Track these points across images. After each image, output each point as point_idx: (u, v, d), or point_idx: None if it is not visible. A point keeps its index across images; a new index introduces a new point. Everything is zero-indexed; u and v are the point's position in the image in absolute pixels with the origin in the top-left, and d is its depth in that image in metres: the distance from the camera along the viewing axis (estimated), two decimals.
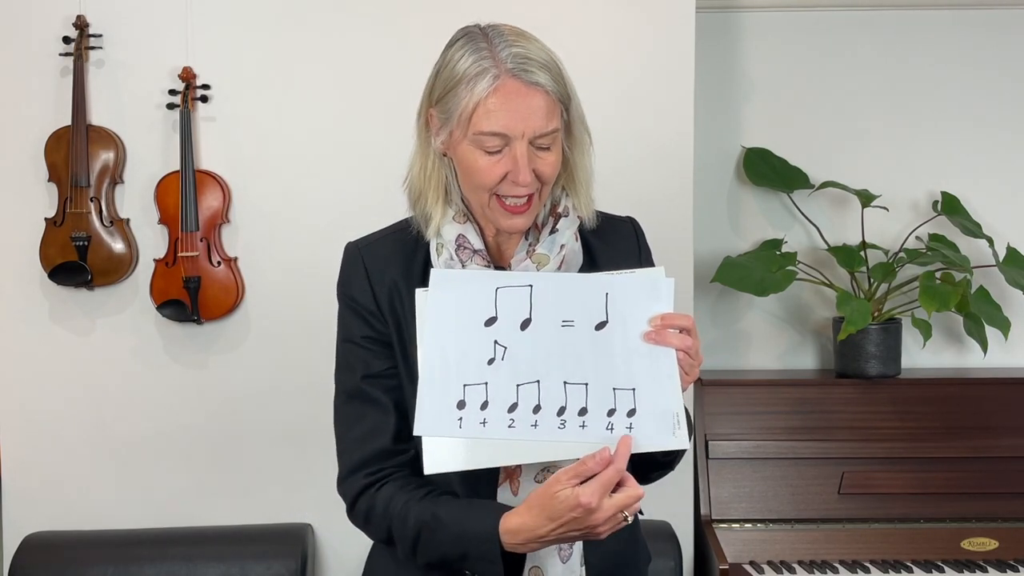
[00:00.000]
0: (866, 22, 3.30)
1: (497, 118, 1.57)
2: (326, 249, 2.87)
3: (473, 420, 1.54)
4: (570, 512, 1.48)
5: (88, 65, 2.84)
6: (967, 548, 2.88)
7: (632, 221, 1.81)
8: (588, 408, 1.54)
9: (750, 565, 2.84)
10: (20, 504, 2.93)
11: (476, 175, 1.61)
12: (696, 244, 3.02)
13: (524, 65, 1.57)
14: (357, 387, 1.69)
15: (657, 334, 1.55)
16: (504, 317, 1.56)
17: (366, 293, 1.68)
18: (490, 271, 1.64)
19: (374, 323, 1.68)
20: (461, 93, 1.59)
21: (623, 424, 1.54)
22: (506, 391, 1.55)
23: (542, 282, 1.58)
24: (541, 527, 1.51)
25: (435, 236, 1.68)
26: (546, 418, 1.54)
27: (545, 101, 1.58)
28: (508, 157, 1.58)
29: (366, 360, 1.68)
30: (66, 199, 2.83)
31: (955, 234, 3.21)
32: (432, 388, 1.55)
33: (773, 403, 3.02)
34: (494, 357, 1.55)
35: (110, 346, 2.92)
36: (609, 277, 1.59)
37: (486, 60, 1.58)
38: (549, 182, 1.62)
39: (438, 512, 1.59)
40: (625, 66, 2.82)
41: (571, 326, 1.56)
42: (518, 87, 1.57)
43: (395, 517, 1.62)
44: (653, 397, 1.55)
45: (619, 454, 1.50)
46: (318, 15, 2.88)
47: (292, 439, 2.94)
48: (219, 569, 2.80)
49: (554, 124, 1.59)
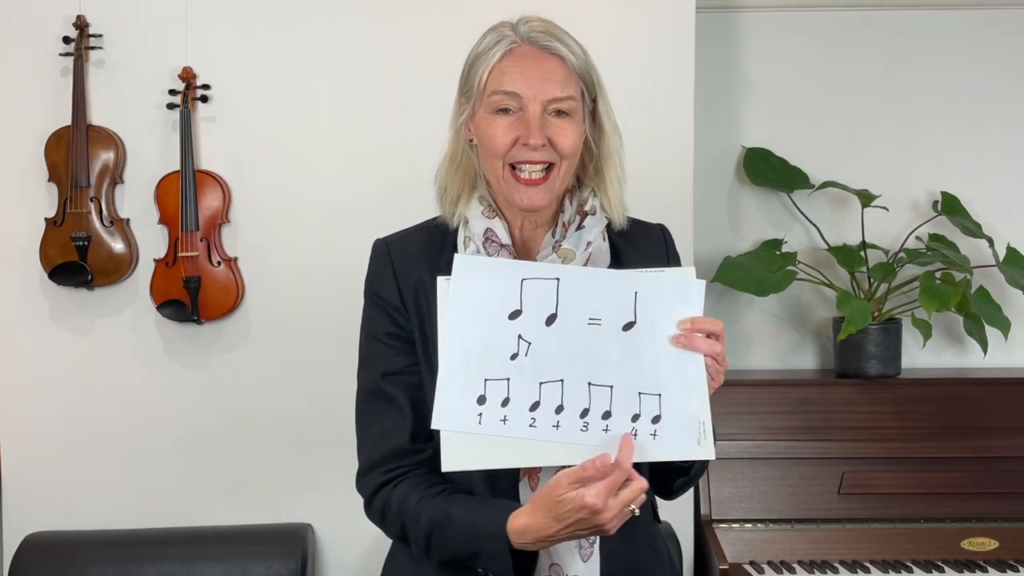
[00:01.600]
0: (866, 22, 3.30)
1: (511, 78, 1.59)
2: (326, 249, 2.91)
3: (493, 417, 1.51)
4: (576, 513, 1.48)
5: (88, 65, 2.84)
6: (967, 548, 2.88)
7: (662, 228, 1.80)
8: (612, 412, 1.51)
9: (750, 565, 2.84)
10: (20, 504, 2.92)
11: (490, 140, 1.61)
12: (696, 244, 3.02)
13: (543, 36, 1.61)
14: (376, 384, 1.69)
15: (686, 338, 1.54)
16: (529, 311, 1.53)
17: (392, 289, 1.68)
18: (516, 261, 1.61)
19: (398, 319, 1.67)
20: (479, 66, 1.62)
21: (647, 431, 1.51)
22: (529, 389, 1.51)
23: (570, 276, 1.54)
24: (548, 528, 1.50)
25: (463, 229, 1.68)
26: (568, 419, 1.51)
27: (561, 67, 1.60)
28: (521, 120, 1.59)
29: (387, 357, 1.68)
30: (66, 199, 2.83)
31: (955, 234, 3.21)
32: (452, 381, 1.52)
33: (773, 403, 3.02)
34: (517, 352, 1.52)
35: (110, 346, 2.92)
36: (638, 275, 1.56)
37: (507, 35, 1.62)
38: (565, 155, 1.61)
39: (450, 510, 1.59)
40: (625, 66, 2.82)
41: (598, 324, 1.52)
42: (533, 51, 1.60)
43: (409, 515, 1.62)
44: (679, 404, 1.52)
45: (623, 455, 1.48)
46: (318, 15, 2.88)
47: (292, 439, 2.94)
48: (219, 569, 2.80)
49: (570, 91, 1.60)
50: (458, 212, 1.69)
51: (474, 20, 1.79)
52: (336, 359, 2.82)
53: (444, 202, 1.71)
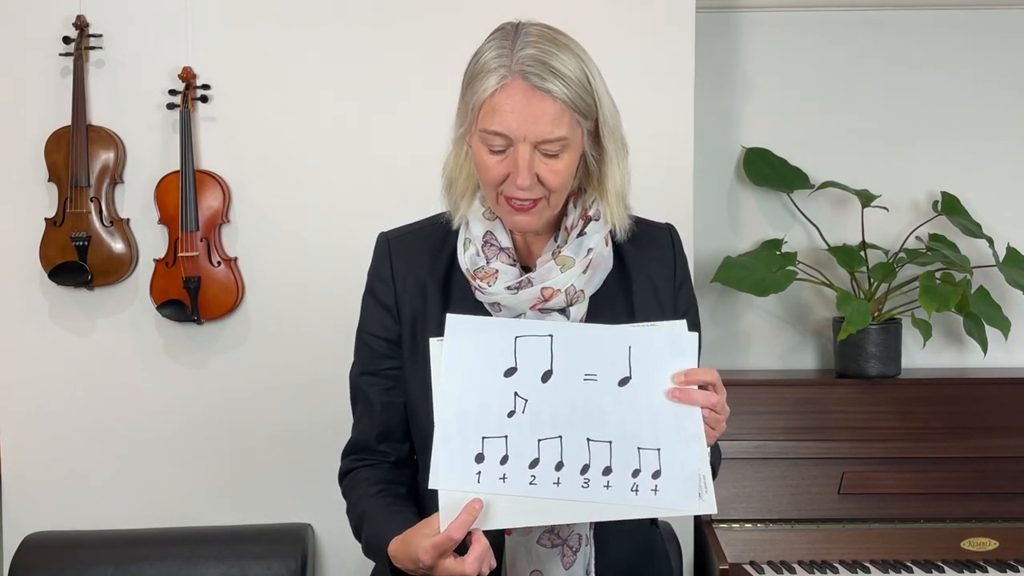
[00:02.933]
0: (866, 22, 3.30)
1: (500, 118, 1.54)
2: (326, 249, 2.91)
3: (492, 475, 1.49)
4: (417, 558, 1.49)
5: (88, 65, 2.84)
6: (967, 548, 2.88)
7: (670, 228, 1.78)
8: (613, 467, 1.50)
9: (750, 565, 2.84)
10: (20, 504, 2.93)
11: (482, 171, 1.60)
12: (696, 244, 3.02)
13: (536, 69, 1.53)
14: (356, 380, 1.75)
15: (681, 392, 1.53)
16: (524, 368, 1.52)
17: (388, 286, 1.70)
18: (508, 320, 1.60)
19: (386, 320, 1.70)
20: (476, 87, 1.57)
21: (648, 486, 1.50)
22: (527, 446, 1.50)
23: (563, 332, 1.54)
24: (406, 560, 1.54)
25: (463, 231, 1.68)
26: (569, 476, 1.49)
27: (553, 108, 1.54)
28: (511, 159, 1.56)
29: (368, 356, 1.72)
30: (66, 199, 2.83)
31: (955, 234, 3.21)
32: (449, 440, 1.50)
33: (773, 403, 3.02)
34: (514, 409, 1.51)
35: (110, 346, 2.92)
36: (631, 330, 1.55)
37: (503, 58, 1.55)
38: (555, 190, 1.59)
39: (370, 513, 1.67)
40: (625, 66, 2.81)
41: (594, 380, 1.52)
42: (524, 89, 1.54)
43: (351, 504, 1.72)
44: (679, 459, 1.51)
45: (456, 522, 1.47)
46: (318, 15, 2.88)
47: (292, 439, 2.94)
48: (219, 569, 2.80)
49: (561, 132, 1.55)
50: (458, 208, 1.69)
51: (474, 20, 1.79)
52: (336, 359, 2.78)
53: (449, 196, 1.71)
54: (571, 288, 1.62)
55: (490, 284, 1.62)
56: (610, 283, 1.68)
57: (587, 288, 1.64)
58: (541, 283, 1.61)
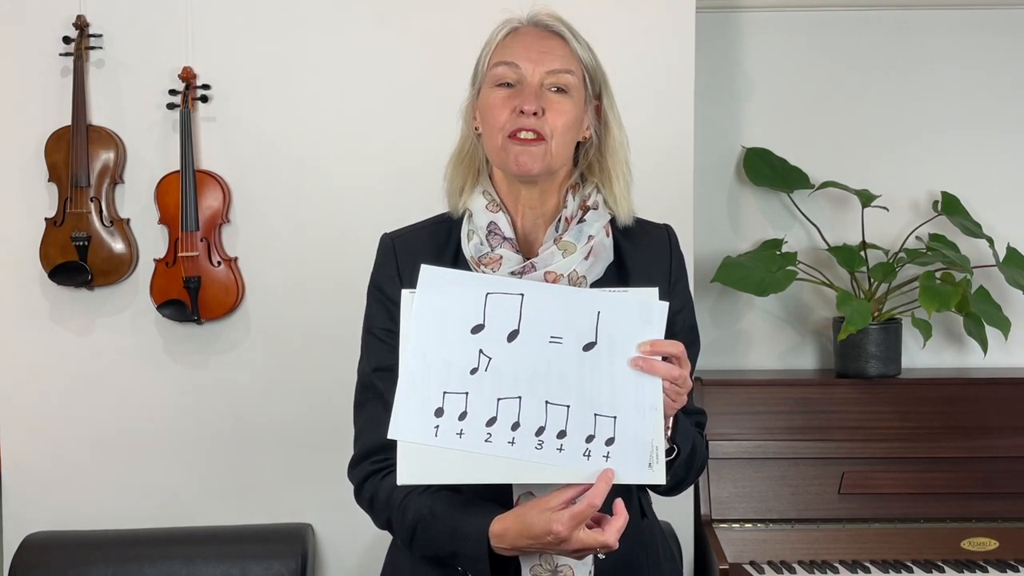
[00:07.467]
0: (866, 22, 3.30)
1: (512, 51, 1.64)
2: (326, 249, 2.91)
3: (450, 430, 1.52)
4: (544, 536, 1.50)
5: (88, 65, 2.84)
6: (967, 548, 2.88)
7: (667, 228, 1.79)
8: (567, 431, 1.52)
9: (750, 565, 2.84)
10: (20, 504, 2.93)
11: (489, 111, 1.64)
12: (696, 244, 3.02)
13: (547, 19, 1.67)
14: (368, 378, 1.72)
15: (644, 361, 1.53)
16: (491, 326, 1.53)
17: (394, 283, 1.70)
18: (481, 275, 1.62)
19: (396, 315, 1.68)
20: (484, 52, 1.68)
21: (600, 452, 1.51)
22: (486, 404, 1.52)
23: (534, 292, 1.55)
24: (520, 540, 1.53)
25: (466, 222, 1.70)
26: (524, 436, 1.51)
27: (562, 46, 1.65)
28: (518, 90, 1.63)
29: (380, 352, 1.70)
30: (66, 199, 2.83)
31: (955, 234, 3.21)
32: (411, 392, 1.53)
33: (773, 403, 3.02)
34: (477, 367, 1.53)
35: (110, 346, 2.92)
36: (602, 294, 1.56)
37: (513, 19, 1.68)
38: (556, 130, 1.63)
39: (435, 508, 1.61)
40: (625, 66, 2.81)
41: (559, 343, 1.53)
42: (534, 30, 1.66)
43: (395, 507, 1.64)
44: (634, 428, 1.52)
45: (595, 490, 1.49)
46: (318, 15, 2.88)
47: (292, 439, 2.95)
48: (219, 569, 2.80)
49: (570, 66, 1.64)
50: (462, 202, 1.71)
51: (474, 20, 1.80)
52: (336, 358, 2.82)
53: (451, 193, 1.73)
54: (574, 273, 1.64)
55: (494, 270, 1.64)
56: (609, 277, 1.69)
57: (589, 275, 1.66)
58: (544, 267, 1.63)
